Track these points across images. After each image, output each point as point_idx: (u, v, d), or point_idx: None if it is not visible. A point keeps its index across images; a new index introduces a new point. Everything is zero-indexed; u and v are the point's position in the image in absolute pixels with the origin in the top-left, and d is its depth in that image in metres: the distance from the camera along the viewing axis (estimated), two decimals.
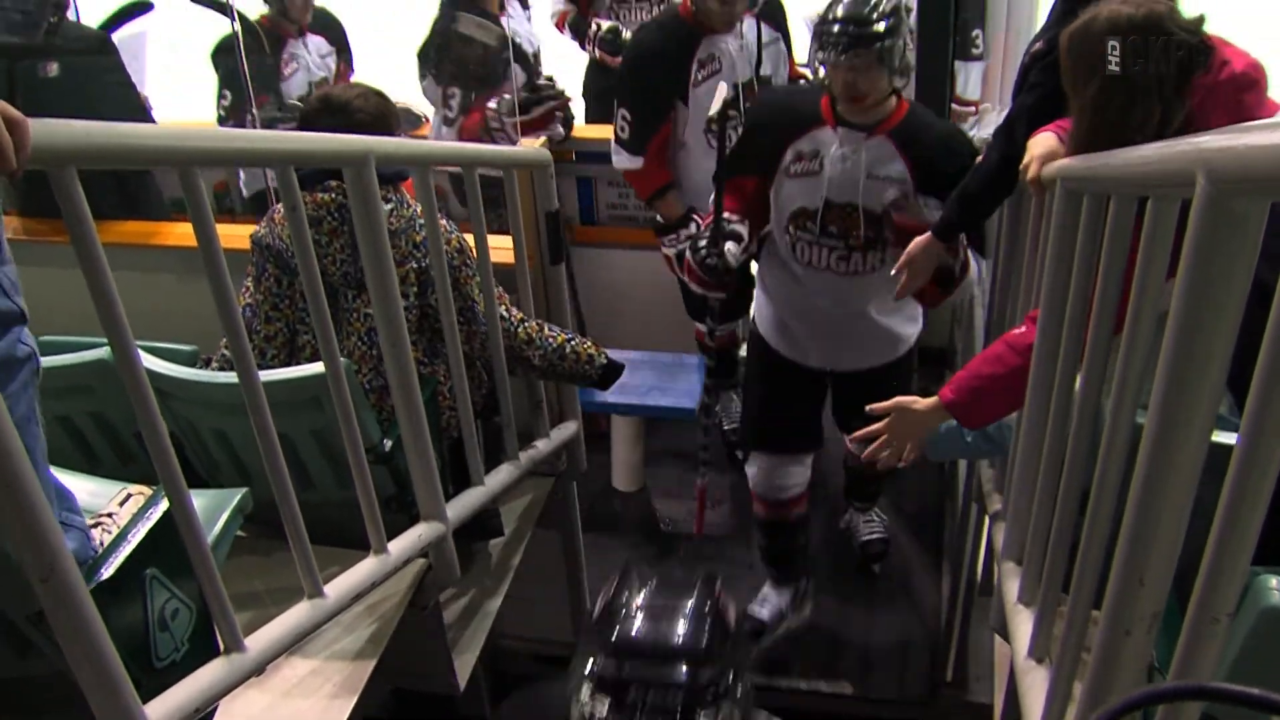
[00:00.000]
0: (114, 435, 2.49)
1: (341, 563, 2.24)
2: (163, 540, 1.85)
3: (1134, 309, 1.43)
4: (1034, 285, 2.26)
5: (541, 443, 3.22)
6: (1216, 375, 1.13)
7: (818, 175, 2.91)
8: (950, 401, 2.22)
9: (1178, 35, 1.87)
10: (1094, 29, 1.91)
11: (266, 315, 2.62)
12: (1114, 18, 1.89)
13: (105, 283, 1.51)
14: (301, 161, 2.21)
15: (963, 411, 2.23)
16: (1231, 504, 1.06)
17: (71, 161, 1.42)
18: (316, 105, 2.60)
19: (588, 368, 2.97)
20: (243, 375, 1.87)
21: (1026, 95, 2.54)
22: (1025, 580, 2.07)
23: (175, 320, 2.66)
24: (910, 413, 2.29)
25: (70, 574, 1.41)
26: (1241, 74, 1.92)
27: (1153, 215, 1.35)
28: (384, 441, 2.45)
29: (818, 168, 2.91)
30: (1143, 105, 1.86)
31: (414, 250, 2.58)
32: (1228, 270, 1.07)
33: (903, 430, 2.31)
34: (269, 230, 2.60)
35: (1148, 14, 1.87)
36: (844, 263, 2.98)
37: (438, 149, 2.84)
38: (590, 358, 2.97)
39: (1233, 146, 1.02)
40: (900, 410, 2.30)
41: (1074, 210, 1.78)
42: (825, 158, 2.89)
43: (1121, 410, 1.48)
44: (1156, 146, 1.35)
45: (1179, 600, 1.34)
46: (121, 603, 1.78)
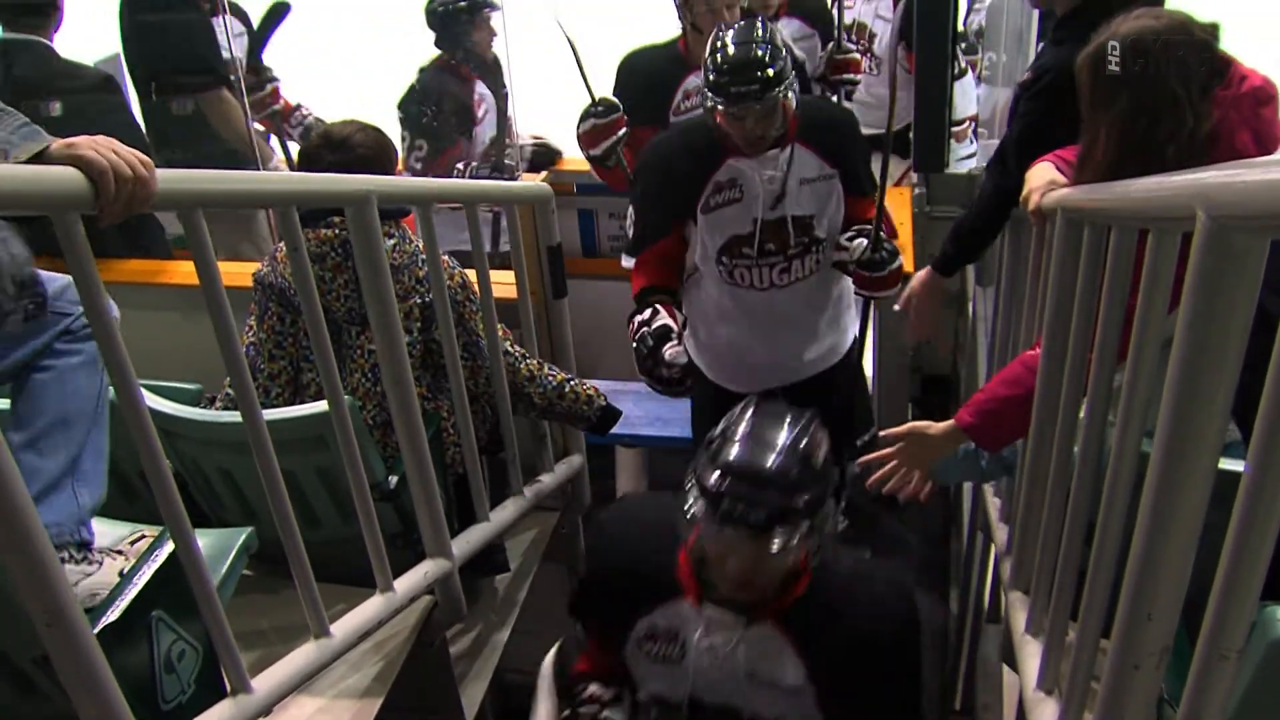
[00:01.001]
0: (119, 474, 2.48)
1: (348, 600, 2.24)
2: (169, 582, 1.85)
3: (1137, 341, 1.43)
4: (1036, 314, 2.25)
5: (546, 477, 3.22)
6: (1220, 410, 1.13)
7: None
8: (968, 425, 2.16)
9: (1204, 42, 1.87)
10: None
11: (270, 354, 2.62)
12: (1133, 31, 1.88)
13: (108, 324, 1.51)
14: (305, 202, 2.22)
15: (982, 434, 2.18)
16: (1238, 543, 1.06)
17: (74, 208, 1.42)
18: (318, 142, 2.61)
19: (585, 409, 2.99)
20: (246, 414, 1.87)
21: (1017, 125, 2.55)
22: (1033, 611, 2.06)
23: (180, 358, 2.67)
24: (925, 437, 2.22)
25: (76, 619, 1.41)
26: (1260, 88, 1.91)
27: (1154, 248, 1.35)
28: (389, 479, 2.45)
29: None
30: (1172, 115, 1.83)
31: (417, 285, 2.59)
32: (1230, 305, 1.07)
33: (917, 455, 2.23)
34: (271, 269, 2.61)
35: (1170, 22, 1.87)
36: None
37: (438, 186, 2.85)
38: (589, 399, 2.99)
39: (1231, 183, 1.03)
40: (914, 435, 2.23)
41: (1075, 240, 1.78)
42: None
43: (1126, 443, 1.48)
44: (1155, 180, 1.35)
45: (1188, 630, 1.34)
46: (127, 645, 1.78)
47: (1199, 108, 1.84)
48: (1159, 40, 1.85)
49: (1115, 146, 1.89)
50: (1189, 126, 1.83)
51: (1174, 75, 1.84)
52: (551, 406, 2.94)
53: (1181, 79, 1.84)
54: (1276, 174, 0.94)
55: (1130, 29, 1.88)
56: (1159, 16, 1.88)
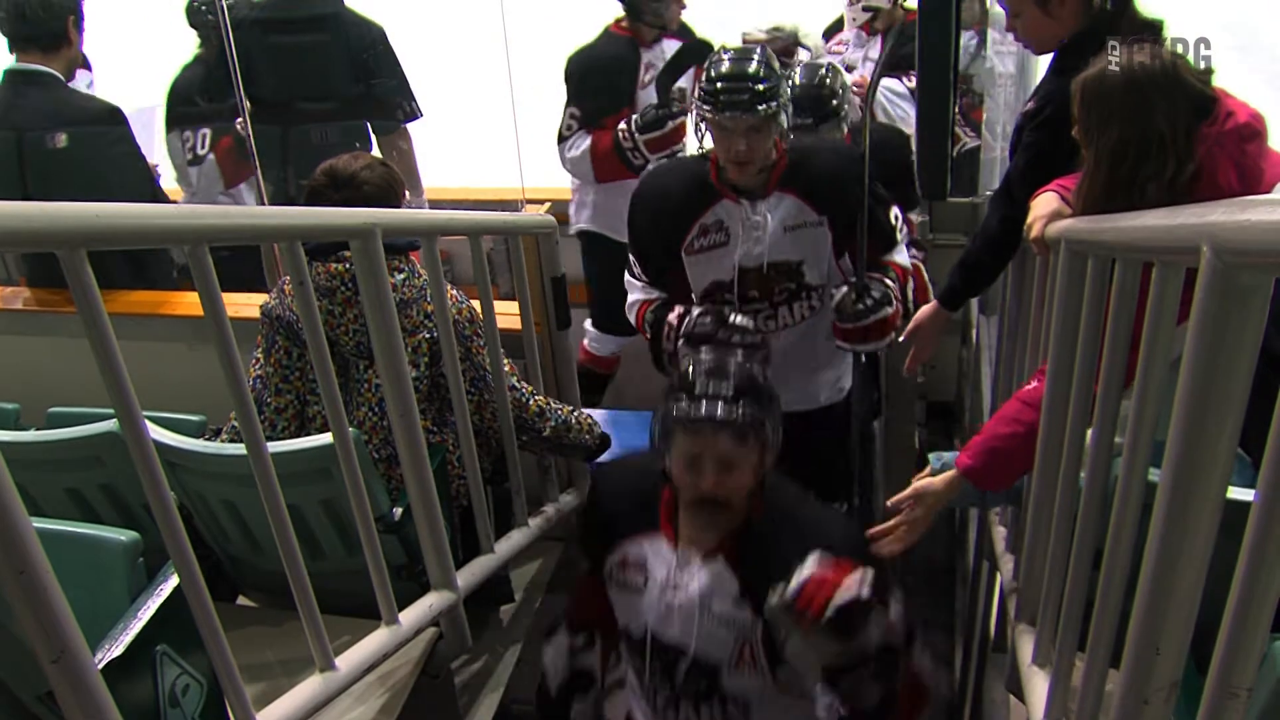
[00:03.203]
0: (124, 507, 2.48)
1: (353, 632, 2.23)
2: (173, 615, 1.84)
3: (1143, 372, 1.43)
4: (1040, 344, 2.25)
5: (551, 508, 3.22)
6: (1227, 446, 1.12)
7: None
8: (970, 468, 2.18)
9: (1191, 85, 1.89)
10: (1110, 78, 1.93)
11: (277, 387, 2.62)
12: (1129, 67, 1.90)
13: (113, 358, 1.51)
14: (309, 236, 2.22)
15: (983, 477, 2.19)
16: (1247, 581, 1.05)
17: (81, 244, 1.43)
18: (323, 180, 2.58)
19: (588, 437, 3.01)
20: (251, 447, 1.87)
21: (1021, 156, 2.56)
22: (1040, 641, 2.06)
23: (185, 389, 2.68)
24: (929, 495, 2.24)
25: (81, 655, 1.41)
26: (1245, 124, 1.93)
27: (1159, 281, 1.36)
28: (394, 511, 2.44)
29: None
30: (1157, 157, 1.88)
31: (426, 320, 2.59)
32: (1236, 341, 1.07)
33: (923, 515, 2.25)
34: (279, 301, 2.61)
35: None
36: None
37: (442, 219, 2.85)
38: (590, 426, 3.02)
39: (1237, 221, 1.03)
40: (919, 496, 2.24)
41: (1079, 270, 1.79)
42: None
43: (1133, 472, 1.48)
44: (1162, 214, 1.35)
45: (1196, 661, 1.34)
46: (132, 680, 1.77)
47: (1183, 150, 1.89)
48: (1150, 79, 1.88)
49: (1104, 179, 1.93)
50: (1171, 169, 1.88)
51: (1161, 114, 1.87)
52: (559, 438, 2.94)
53: (1169, 119, 1.87)
54: None
55: (1125, 62, 1.90)
56: (1154, 55, 1.90)
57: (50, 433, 2.46)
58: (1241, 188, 1.90)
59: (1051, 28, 2.51)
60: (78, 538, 1.94)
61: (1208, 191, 1.86)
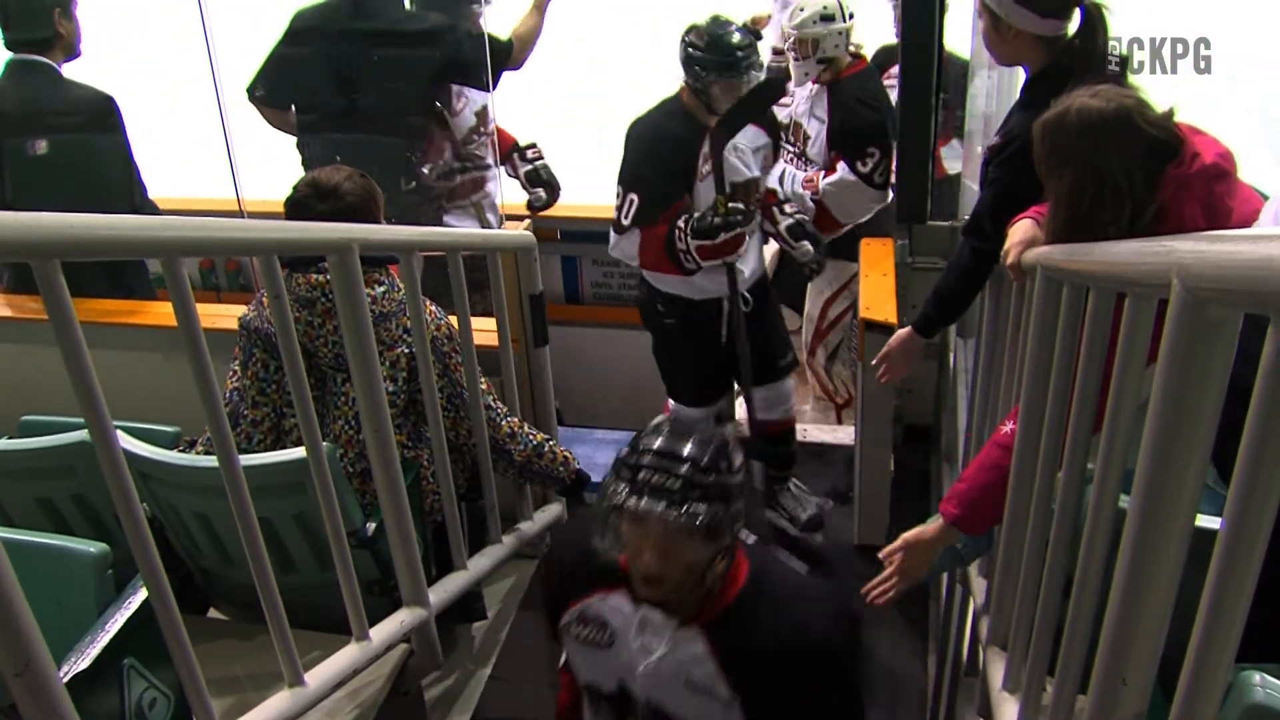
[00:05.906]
0: (95, 518, 2.47)
1: (323, 647, 2.22)
2: (141, 628, 1.83)
3: (1114, 402, 1.43)
4: (1016, 368, 2.26)
5: (525, 525, 3.22)
6: (1195, 476, 1.13)
7: None
8: (955, 518, 2.19)
9: (1146, 131, 1.90)
10: (1066, 121, 1.94)
11: (253, 400, 2.61)
12: (1084, 111, 1.92)
13: (84, 367, 1.50)
14: (286, 250, 2.22)
15: (969, 524, 2.21)
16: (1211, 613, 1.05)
17: (55, 254, 1.42)
18: (306, 190, 2.59)
19: (562, 469, 3.01)
20: (223, 459, 1.86)
21: (988, 192, 2.57)
22: (1010, 666, 2.06)
23: (161, 400, 2.65)
24: (920, 543, 2.24)
25: (45, 669, 1.40)
26: (1212, 165, 1.94)
27: (1130, 312, 1.36)
28: (366, 525, 2.44)
29: None
30: (1114, 203, 1.89)
31: (405, 335, 2.58)
32: (1204, 374, 1.08)
33: (915, 564, 2.26)
34: (257, 313, 2.60)
35: (1117, 108, 1.90)
36: None
37: (419, 235, 2.85)
38: (565, 460, 3.02)
39: (1205, 254, 1.03)
40: (909, 546, 2.24)
41: (1054, 297, 1.80)
42: None
43: (1103, 500, 1.48)
44: (1133, 246, 1.36)
45: (1165, 690, 1.34)
46: (98, 693, 1.77)
47: (1141, 195, 1.89)
48: (1104, 125, 1.89)
49: (1064, 220, 1.95)
50: (1129, 213, 1.89)
51: (1116, 160, 1.88)
52: (529, 464, 2.96)
53: (1123, 164, 1.88)
54: (1251, 248, 0.94)
55: (1078, 109, 1.92)
56: (1110, 99, 1.91)
57: (21, 441, 2.45)
58: (1208, 227, 1.90)
59: (1003, 48, 2.55)
60: (45, 549, 1.93)
61: (1174, 232, 1.87)
